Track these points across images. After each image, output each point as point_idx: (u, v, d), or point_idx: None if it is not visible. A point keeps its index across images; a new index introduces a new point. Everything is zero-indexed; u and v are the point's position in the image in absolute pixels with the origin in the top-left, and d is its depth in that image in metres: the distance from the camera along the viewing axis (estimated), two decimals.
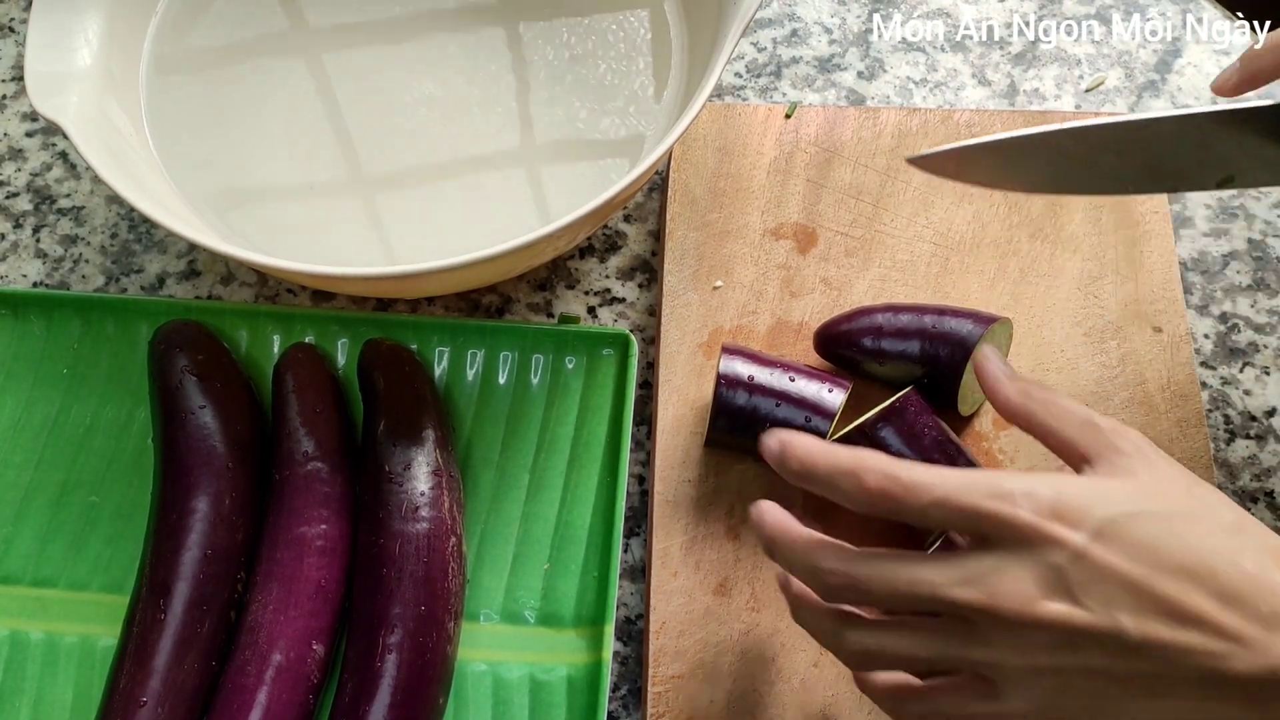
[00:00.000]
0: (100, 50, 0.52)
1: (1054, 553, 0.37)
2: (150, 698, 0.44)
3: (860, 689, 0.42)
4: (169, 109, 0.56)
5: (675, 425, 0.52)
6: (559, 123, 0.56)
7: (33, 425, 0.53)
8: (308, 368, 0.51)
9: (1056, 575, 0.37)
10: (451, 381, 0.53)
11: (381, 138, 0.56)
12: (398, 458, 0.48)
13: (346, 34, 0.59)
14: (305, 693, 0.45)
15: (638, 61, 0.57)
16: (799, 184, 0.57)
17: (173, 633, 0.45)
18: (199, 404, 0.49)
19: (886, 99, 0.62)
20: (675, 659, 0.48)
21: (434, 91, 0.57)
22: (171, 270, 0.58)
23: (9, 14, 0.65)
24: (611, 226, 0.59)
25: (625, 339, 0.53)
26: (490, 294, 0.57)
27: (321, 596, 0.46)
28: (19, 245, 0.59)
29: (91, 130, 0.49)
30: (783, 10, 0.65)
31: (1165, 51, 0.64)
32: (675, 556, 0.49)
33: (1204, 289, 0.57)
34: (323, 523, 0.48)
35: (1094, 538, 0.37)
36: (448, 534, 0.47)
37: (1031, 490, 0.38)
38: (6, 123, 0.62)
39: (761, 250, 0.56)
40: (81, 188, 0.60)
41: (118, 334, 0.54)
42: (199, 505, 0.47)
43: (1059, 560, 0.37)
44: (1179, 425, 0.52)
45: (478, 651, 0.48)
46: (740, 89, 0.63)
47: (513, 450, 0.52)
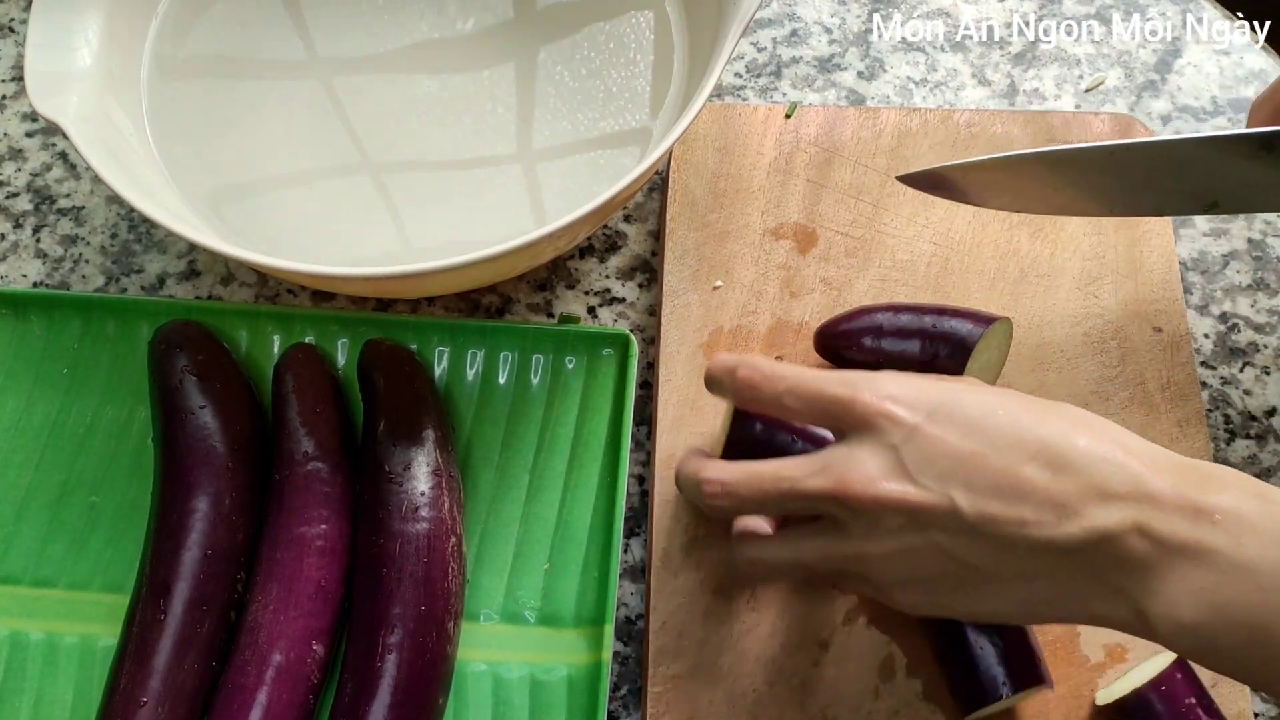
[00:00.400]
0: (100, 50, 0.52)
1: (892, 433, 0.39)
2: (150, 698, 0.44)
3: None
4: (169, 109, 0.56)
5: (675, 425, 0.52)
6: (559, 123, 0.56)
7: (33, 425, 0.53)
8: (308, 368, 0.51)
9: (894, 455, 0.39)
10: (451, 381, 0.53)
11: (382, 138, 0.56)
12: (398, 458, 0.48)
13: (347, 35, 0.59)
14: (305, 693, 0.45)
15: (638, 62, 0.57)
16: (799, 184, 0.57)
17: (173, 633, 0.45)
18: (199, 404, 0.49)
19: (886, 99, 0.62)
20: (675, 659, 0.48)
21: (435, 91, 0.57)
22: (171, 270, 0.58)
23: (9, 14, 0.65)
24: (611, 226, 0.59)
25: (625, 339, 0.53)
26: (490, 294, 0.57)
27: (321, 596, 0.46)
28: (19, 245, 0.59)
29: (91, 130, 0.49)
30: (783, 10, 0.65)
31: (1165, 51, 0.64)
32: (675, 556, 0.49)
33: (1204, 289, 0.57)
34: (323, 523, 0.48)
35: (928, 418, 0.39)
36: (448, 534, 0.47)
37: (875, 379, 0.40)
38: (6, 123, 0.62)
39: (761, 250, 0.56)
40: (81, 188, 0.60)
41: (118, 334, 0.54)
42: (199, 505, 0.47)
43: (895, 440, 0.39)
44: (1179, 425, 0.52)
45: (478, 651, 0.48)
46: (740, 89, 0.63)
47: (513, 450, 0.52)
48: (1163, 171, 0.48)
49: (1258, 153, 0.47)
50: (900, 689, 0.47)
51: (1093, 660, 0.48)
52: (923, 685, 0.48)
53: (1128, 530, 0.36)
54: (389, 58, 0.58)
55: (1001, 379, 0.53)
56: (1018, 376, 0.53)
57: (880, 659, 0.48)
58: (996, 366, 0.51)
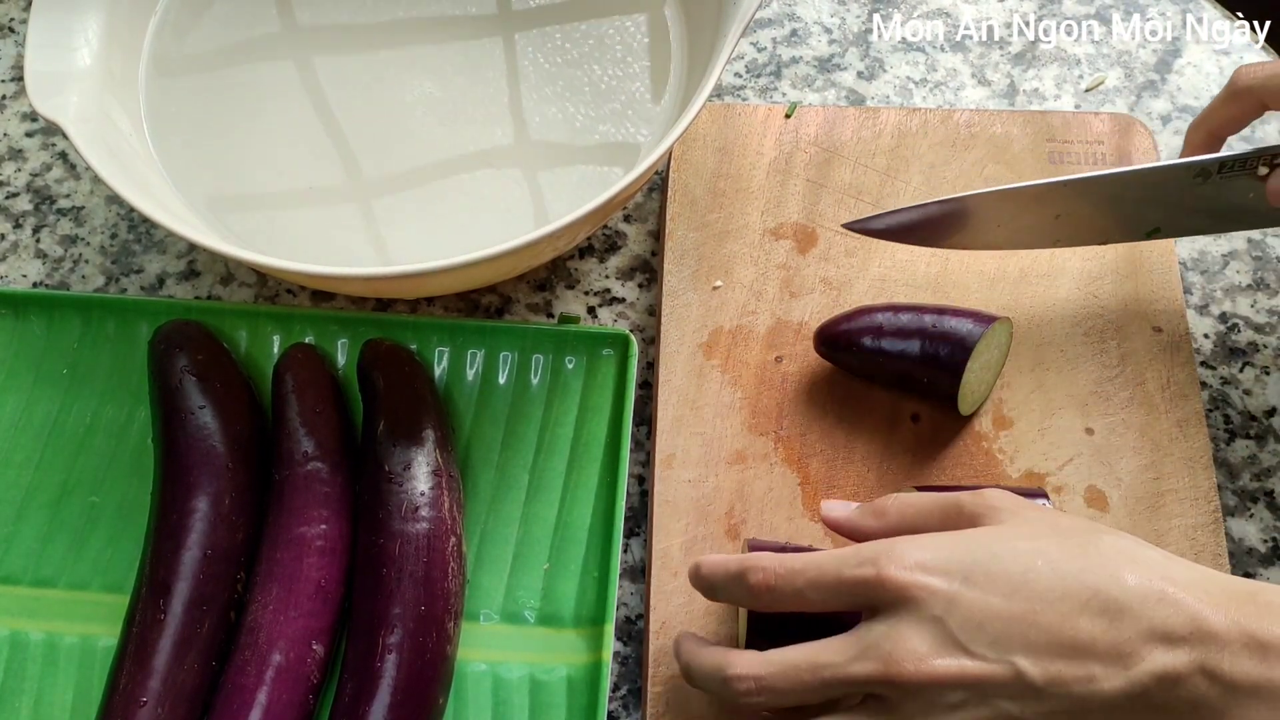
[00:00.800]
0: (100, 50, 0.52)
1: (931, 605, 0.37)
2: (150, 698, 0.44)
3: None
4: (169, 109, 0.56)
5: (675, 425, 0.52)
6: (558, 123, 0.56)
7: (33, 425, 0.53)
8: (308, 368, 0.51)
9: (939, 627, 0.37)
10: (451, 381, 0.53)
11: (381, 137, 0.56)
12: (398, 458, 0.48)
13: (346, 34, 0.59)
14: (305, 693, 0.45)
15: (637, 62, 0.57)
16: (799, 184, 0.57)
17: (173, 633, 0.45)
18: (199, 404, 0.49)
19: (886, 99, 0.62)
20: (675, 659, 0.48)
21: (434, 92, 0.57)
22: (171, 270, 0.58)
23: (9, 14, 0.65)
24: (611, 226, 0.59)
25: (625, 339, 0.53)
26: (490, 294, 0.57)
27: (321, 596, 0.46)
28: (19, 245, 0.59)
29: (91, 130, 0.49)
30: (783, 10, 0.65)
31: (1165, 51, 0.64)
32: (675, 556, 0.49)
33: (1204, 289, 0.57)
34: (323, 523, 0.48)
35: (965, 582, 0.37)
36: (448, 534, 0.47)
37: (893, 548, 0.38)
38: (6, 123, 0.62)
39: (761, 250, 0.56)
40: (81, 188, 0.60)
41: (118, 334, 0.54)
42: (199, 505, 0.47)
43: (937, 611, 0.37)
44: (1179, 425, 0.52)
45: (478, 651, 0.48)
46: (740, 89, 0.63)
47: (513, 450, 0.52)
48: (1103, 204, 0.50)
49: (1193, 181, 0.48)
50: None
51: None
52: None
53: (1193, 672, 0.35)
54: (390, 58, 0.58)
55: (1001, 379, 0.53)
56: (1017, 376, 0.53)
57: None
58: (996, 366, 0.52)
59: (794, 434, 0.52)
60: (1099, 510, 0.50)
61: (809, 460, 0.51)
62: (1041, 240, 0.52)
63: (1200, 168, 0.48)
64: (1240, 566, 0.51)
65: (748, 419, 0.52)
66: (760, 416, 0.52)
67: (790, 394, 0.53)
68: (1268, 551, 0.52)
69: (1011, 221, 0.50)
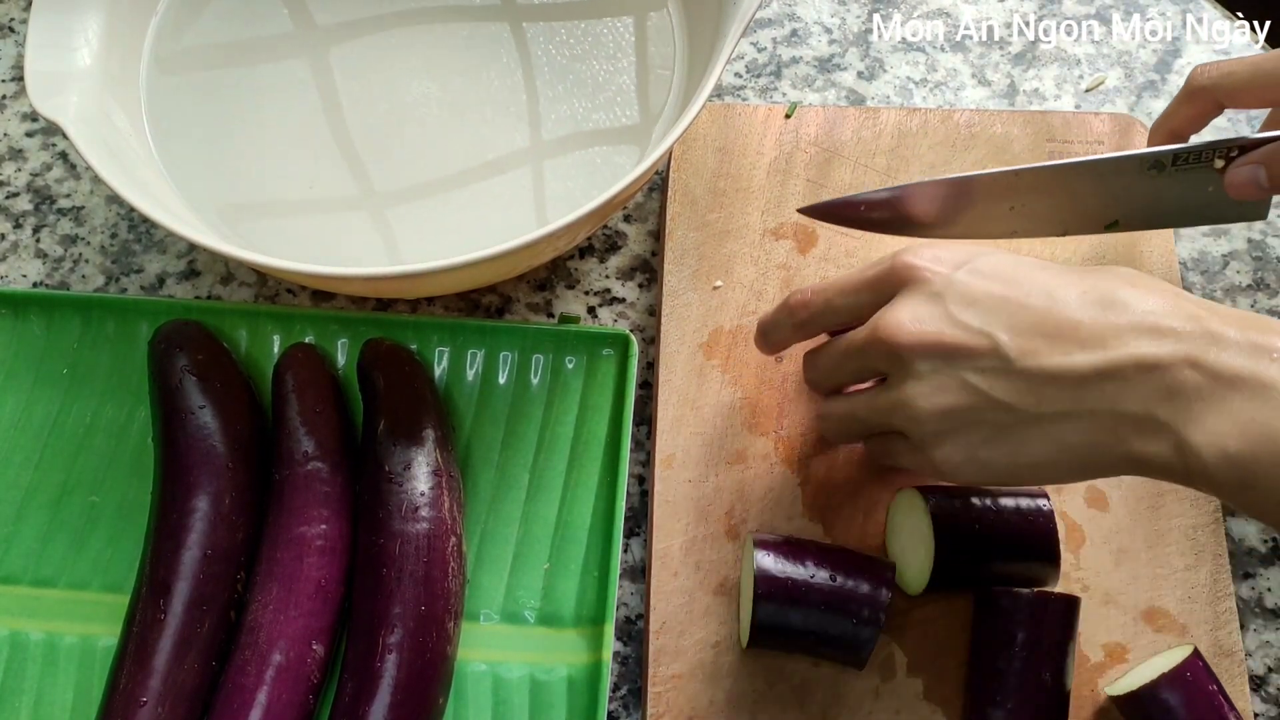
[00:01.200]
0: (100, 50, 0.52)
1: (933, 283, 0.41)
2: (150, 697, 0.44)
3: None
4: (169, 109, 0.56)
5: (675, 425, 0.52)
6: (559, 123, 0.56)
7: (33, 425, 0.53)
8: (308, 368, 0.51)
9: (935, 302, 0.41)
10: (451, 381, 0.53)
11: (381, 138, 0.56)
12: (398, 458, 0.48)
13: (347, 34, 0.59)
14: (305, 693, 0.45)
15: (638, 61, 0.57)
16: (799, 184, 0.57)
17: (173, 632, 0.45)
18: (199, 404, 0.49)
19: (886, 99, 0.62)
20: (675, 659, 0.48)
21: (435, 92, 0.57)
22: (171, 270, 0.58)
23: (9, 14, 0.65)
24: (611, 226, 0.59)
25: (625, 339, 0.53)
26: (490, 294, 0.57)
27: (321, 596, 0.46)
28: (19, 245, 0.59)
29: (91, 130, 0.49)
30: (783, 10, 0.65)
31: (1165, 51, 0.64)
32: (675, 556, 0.49)
33: (1204, 289, 0.57)
34: (323, 522, 0.48)
35: (969, 271, 0.41)
36: (448, 534, 0.47)
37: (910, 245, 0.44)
38: (6, 123, 0.62)
39: (761, 250, 0.56)
40: (81, 188, 0.60)
41: (118, 334, 0.54)
42: (199, 505, 0.47)
43: (937, 287, 0.41)
44: None
45: (478, 651, 0.48)
46: (740, 89, 0.63)
47: (513, 450, 0.52)
48: (1061, 193, 0.50)
49: (1148, 172, 0.49)
50: (900, 689, 0.47)
51: (1093, 660, 0.48)
52: (923, 685, 0.48)
53: (1178, 362, 0.37)
54: (390, 59, 0.58)
55: None
56: None
57: (880, 659, 0.48)
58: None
59: (794, 434, 0.52)
60: (1099, 510, 0.50)
61: (809, 460, 0.51)
62: (999, 230, 0.52)
63: (1153, 159, 0.48)
64: (1240, 567, 0.51)
65: (748, 419, 0.52)
66: (760, 416, 0.52)
67: (790, 394, 0.53)
68: (1268, 552, 0.52)
69: (966, 210, 0.50)
